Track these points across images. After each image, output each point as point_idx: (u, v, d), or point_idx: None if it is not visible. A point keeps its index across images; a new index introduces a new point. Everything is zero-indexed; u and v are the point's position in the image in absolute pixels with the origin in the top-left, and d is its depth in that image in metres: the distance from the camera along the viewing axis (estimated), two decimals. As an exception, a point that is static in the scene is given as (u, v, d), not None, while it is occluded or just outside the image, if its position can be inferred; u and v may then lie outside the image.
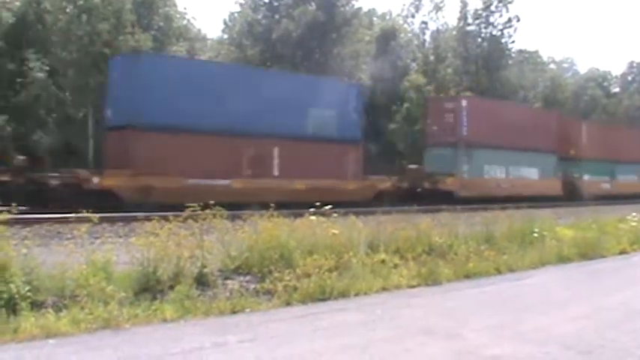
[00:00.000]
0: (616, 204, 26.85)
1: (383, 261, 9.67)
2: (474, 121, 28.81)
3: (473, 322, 7.01)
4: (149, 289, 7.26)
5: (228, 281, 8.05)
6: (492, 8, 52.49)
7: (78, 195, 16.58)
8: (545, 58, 69.10)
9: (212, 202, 9.00)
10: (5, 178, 18.15)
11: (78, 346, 5.62)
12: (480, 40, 52.62)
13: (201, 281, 7.75)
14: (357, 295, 8.25)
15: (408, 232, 10.78)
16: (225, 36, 48.27)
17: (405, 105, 42.28)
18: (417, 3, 57.75)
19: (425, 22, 57.70)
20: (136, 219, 12.50)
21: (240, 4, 45.62)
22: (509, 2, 52.54)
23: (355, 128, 24.65)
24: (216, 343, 5.84)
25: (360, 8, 45.36)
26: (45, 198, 17.25)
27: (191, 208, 8.69)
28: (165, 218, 8.19)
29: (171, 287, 7.31)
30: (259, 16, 44.23)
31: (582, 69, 77.29)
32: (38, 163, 20.61)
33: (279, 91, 21.79)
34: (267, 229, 8.81)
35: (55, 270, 6.88)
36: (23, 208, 13.52)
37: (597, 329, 6.79)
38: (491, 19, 52.66)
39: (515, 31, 53.00)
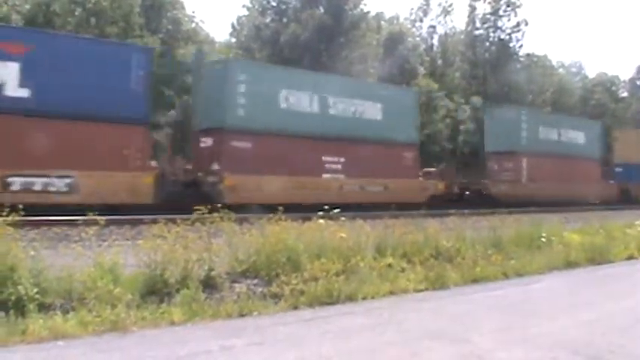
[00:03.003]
0: (623, 209, 26.67)
1: (390, 265, 9.65)
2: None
3: (480, 327, 6.99)
4: (156, 291, 7.27)
5: (236, 284, 8.05)
6: (500, 12, 52.55)
7: None
8: (554, 63, 68.94)
9: (219, 204, 9.02)
10: None
11: (86, 348, 5.64)
12: (488, 44, 52.60)
13: (209, 284, 7.75)
14: (364, 299, 8.24)
15: (416, 236, 10.76)
16: (233, 39, 48.41)
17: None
18: (425, 7, 57.99)
19: (433, 26, 57.97)
20: (142, 222, 12.52)
21: (248, 8, 45.76)
22: (518, 6, 52.62)
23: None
24: (224, 346, 5.84)
25: (367, 12, 45.38)
26: None
27: (199, 211, 8.71)
28: (173, 221, 8.20)
29: (179, 290, 7.32)
30: (267, 20, 44.34)
31: (591, 73, 76.97)
32: None
33: None
34: (275, 232, 8.81)
35: (62, 272, 6.91)
36: None
37: (606, 335, 6.76)
38: (500, 24, 52.70)
39: (523, 35, 53.08)
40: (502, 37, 52.62)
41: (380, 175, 24.43)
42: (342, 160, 23.43)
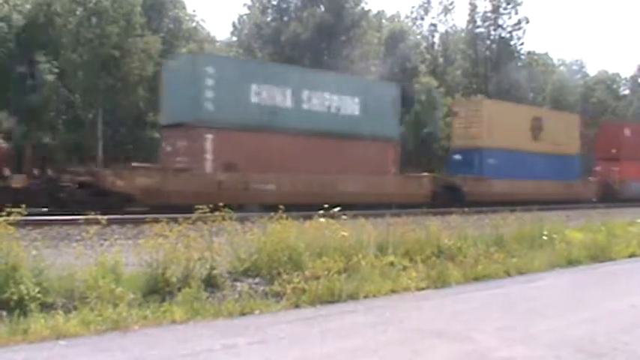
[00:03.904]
0: (625, 207, 26.53)
1: (392, 263, 9.64)
2: None
3: (482, 325, 6.97)
4: (158, 290, 7.26)
5: (237, 283, 8.05)
6: (501, 10, 52.56)
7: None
8: (555, 60, 68.92)
9: (221, 203, 9.00)
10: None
11: (87, 347, 5.63)
12: (489, 42, 52.61)
13: (211, 283, 7.75)
14: (366, 297, 8.22)
15: (417, 234, 10.75)
16: (234, 38, 48.42)
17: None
18: (426, 5, 57.97)
19: (434, 25, 57.96)
20: (144, 221, 12.50)
21: (249, 7, 45.78)
22: (519, 4, 52.61)
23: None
24: (226, 345, 5.83)
25: (368, 10, 45.38)
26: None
27: (200, 210, 8.70)
28: (175, 220, 8.19)
29: (180, 289, 7.31)
30: (268, 19, 44.38)
31: (592, 71, 76.94)
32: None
33: None
34: (276, 231, 8.80)
35: (64, 271, 6.90)
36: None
37: (609, 333, 6.74)
38: (500, 22, 52.74)
39: (524, 33, 53.15)
40: (503, 35, 52.65)
41: None
42: None
